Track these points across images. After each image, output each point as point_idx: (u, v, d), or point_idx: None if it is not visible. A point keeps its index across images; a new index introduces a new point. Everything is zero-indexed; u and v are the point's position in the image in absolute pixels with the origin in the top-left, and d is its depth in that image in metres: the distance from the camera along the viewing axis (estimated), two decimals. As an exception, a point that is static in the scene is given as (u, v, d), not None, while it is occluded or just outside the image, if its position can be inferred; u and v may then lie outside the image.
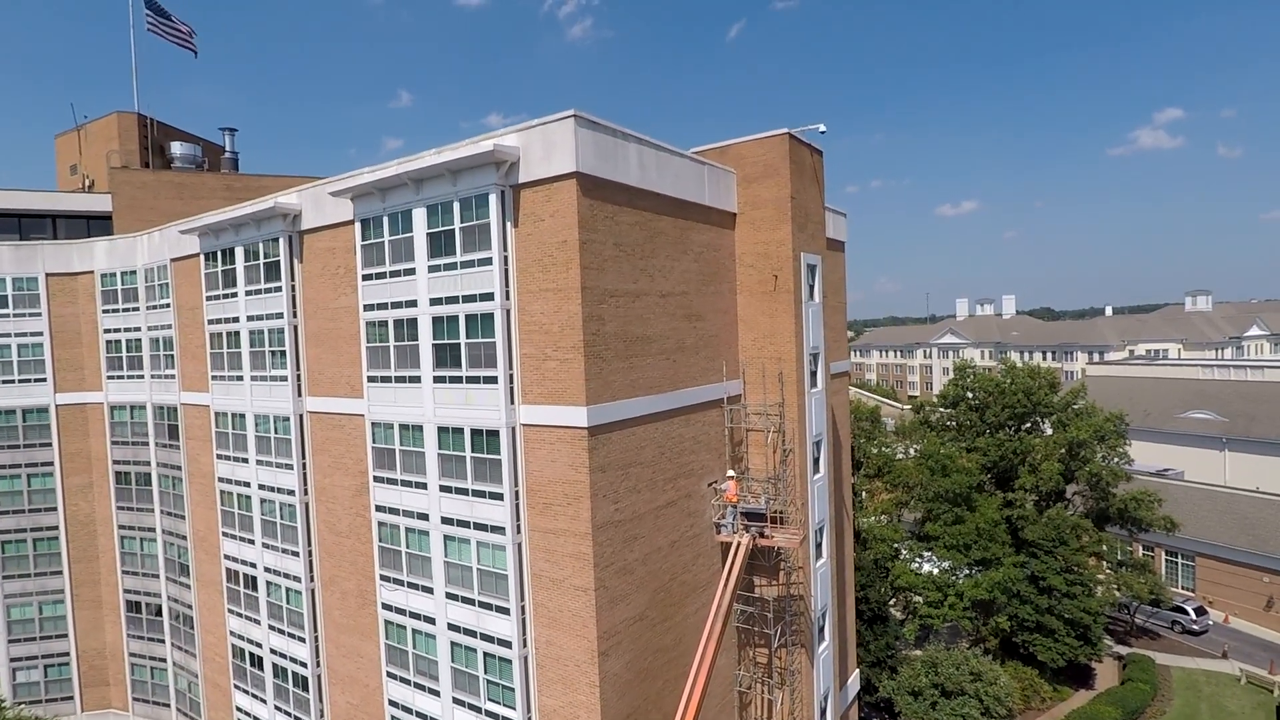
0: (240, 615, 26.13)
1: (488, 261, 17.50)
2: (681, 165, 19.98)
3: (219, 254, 25.26)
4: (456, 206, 17.97)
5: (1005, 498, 39.23)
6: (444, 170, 17.82)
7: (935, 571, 35.93)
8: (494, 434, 17.69)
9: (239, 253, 24.32)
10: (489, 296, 17.53)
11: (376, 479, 20.66)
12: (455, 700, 19.20)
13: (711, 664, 16.58)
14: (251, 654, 25.81)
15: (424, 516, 19.46)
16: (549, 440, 17.25)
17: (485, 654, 18.41)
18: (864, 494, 39.24)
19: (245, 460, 25.06)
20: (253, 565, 25.26)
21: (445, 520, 18.93)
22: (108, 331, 31.16)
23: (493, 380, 17.63)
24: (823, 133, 22.98)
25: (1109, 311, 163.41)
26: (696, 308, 20.87)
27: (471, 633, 18.62)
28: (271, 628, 24.84)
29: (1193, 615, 43.44)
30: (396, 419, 19.83)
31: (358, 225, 20.39)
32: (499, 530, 17.81)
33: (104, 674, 32.43)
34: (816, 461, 23.83)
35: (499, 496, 17.73)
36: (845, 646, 31.24)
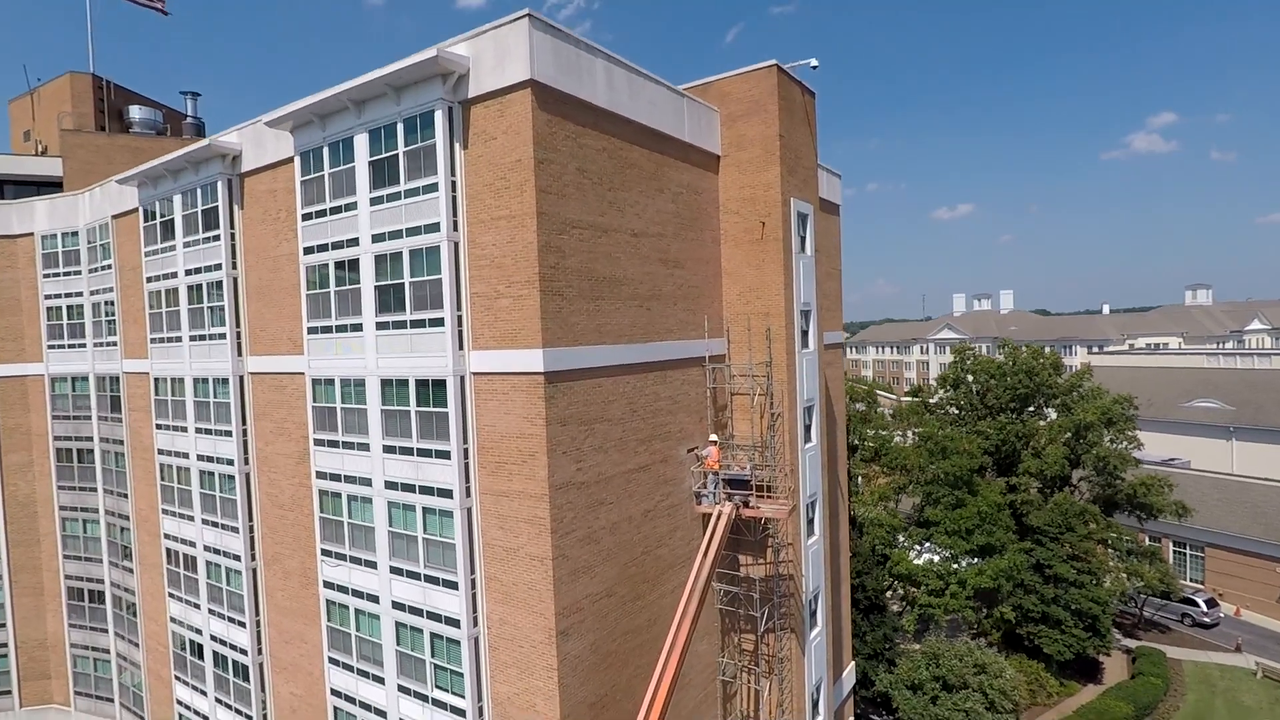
0: (180, 600, 23.96)
1: (433, 188, 15.44)
2: (656, 92, 17.97)
3: (157, 205, 23.14)
4: (400, 129, 15.91)
5: (1008, 482, 37.26)
6: (386, 87, 15.77)
7: (936, 560, 33.89)
8: (440, 384, 15.62)
9: (177, 201, 22.22)
10: (434, 228, 15.47)
11: (317, 442, 18.55)
12: (400, 688, 17.09)
13: (686, 642, 14.55)
14: (191, 642, 23.64)
15: (367, 482, 17.36)
16: (502, 390, 15.18)
17: (432, 635, 16.31)
18: (860, 478, 37.24)
19: (184, 429, 22.92)
20: (192, 544, 23.10)
21: (389, 485, 16.84)
22: (49, 298, 28.99)
23: (439, 323, 15.56)
24: (814, 68, 21.00)
25: (1106, 311, 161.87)
26: (674, 254, 18.84)
27: (418, 611, 16.51)
28: (212, 612, 22.67)
29: (1203, 607, 41.50)
30: (337, 374, 17.74)
31: (297, 160, 18.31)
32: (446, 494, 15.72)
33: (44, 666, 30.17)
34: (808, 429, 21.79)
35: (446, 455, 15.65)
36: (840, 637, 29.19)
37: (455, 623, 15.78)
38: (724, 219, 20.90)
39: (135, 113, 37.48)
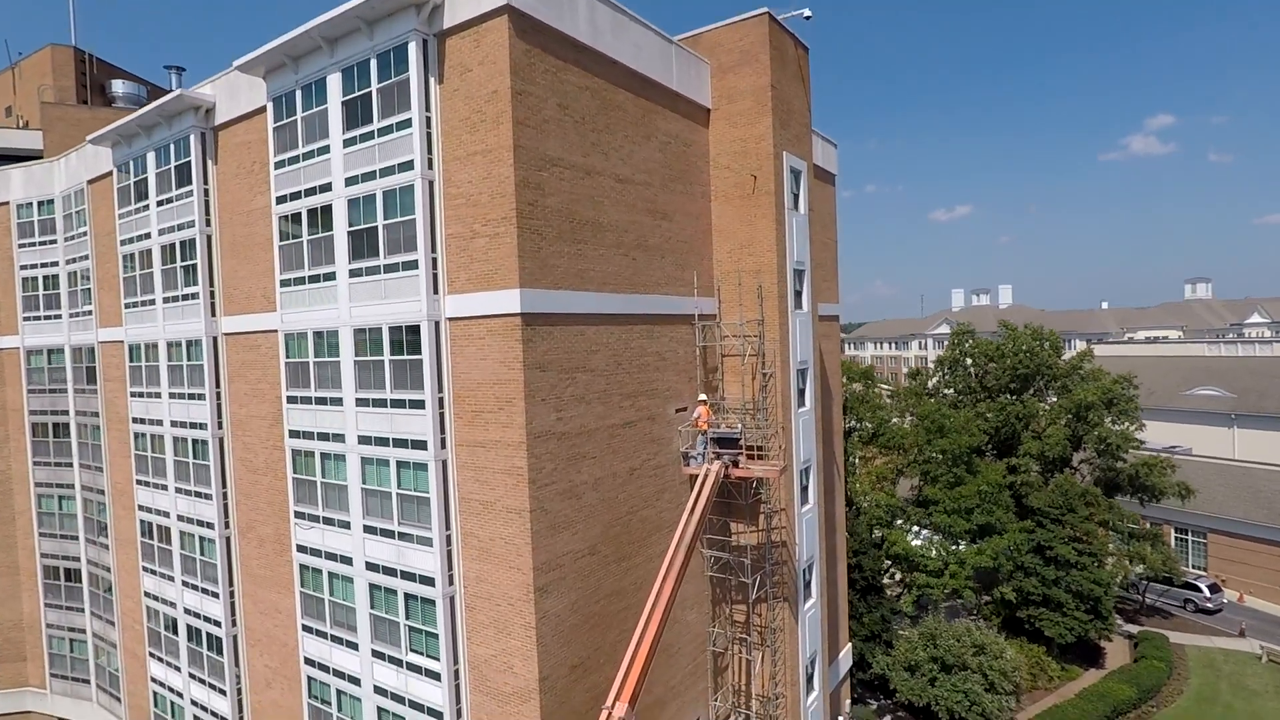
0: (154, 573, 23.20)
1: (407, 124, 14.74)
2: (642, 34, 17.28)
3: (131, 165, 22.43)
4: (374, 65, 15.22)
5: (1008, 464, 36.56)
6: (358, 21, 15.08)
7: (935, 539, 33.15)
8: (414, 330, 14.91)
9: (150, 159, 21.50)
10: (408, 166, 14.77)
11: (290, 400, 17.83)
12: (375, 653, 16.35)
13: (669, 600, 13.82)
14: (166, 616, 22.87)
15: (340, 438, 16.64)
16: (478, 335, 14.47)
17: (406, 595, 15.57)
18: (856, 458, 36.50)
19: (158, 395, 22.18)
20: (165, 514, 22.34)
21: (363, 440, 16.11)
22: (24, 269, 28.23)
23: (412, 266, 14.85)
24: (808, 19, 20.35)
25: (1105, 307, 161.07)
26: (662, 205, 18.16)
27: (391, 571, 15.78)
28: (185, 584, 21.92)
29: (1206, 593, 40.78)
30: (310, 326, 17.02)
31: (270, 107, 17.61)
32: (420, 446, 15.00)
33: (20, 648, 29.37)
34: (802, 393, 21.09)
35: (420, 405, 14.93)
36: (835, 617, 28.46)
37: (430, 581, 15.05)
38: (715, 174, 20.23)
39: (118, 87, 36.79)
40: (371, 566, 16.18)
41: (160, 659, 23.32)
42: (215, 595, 20.90)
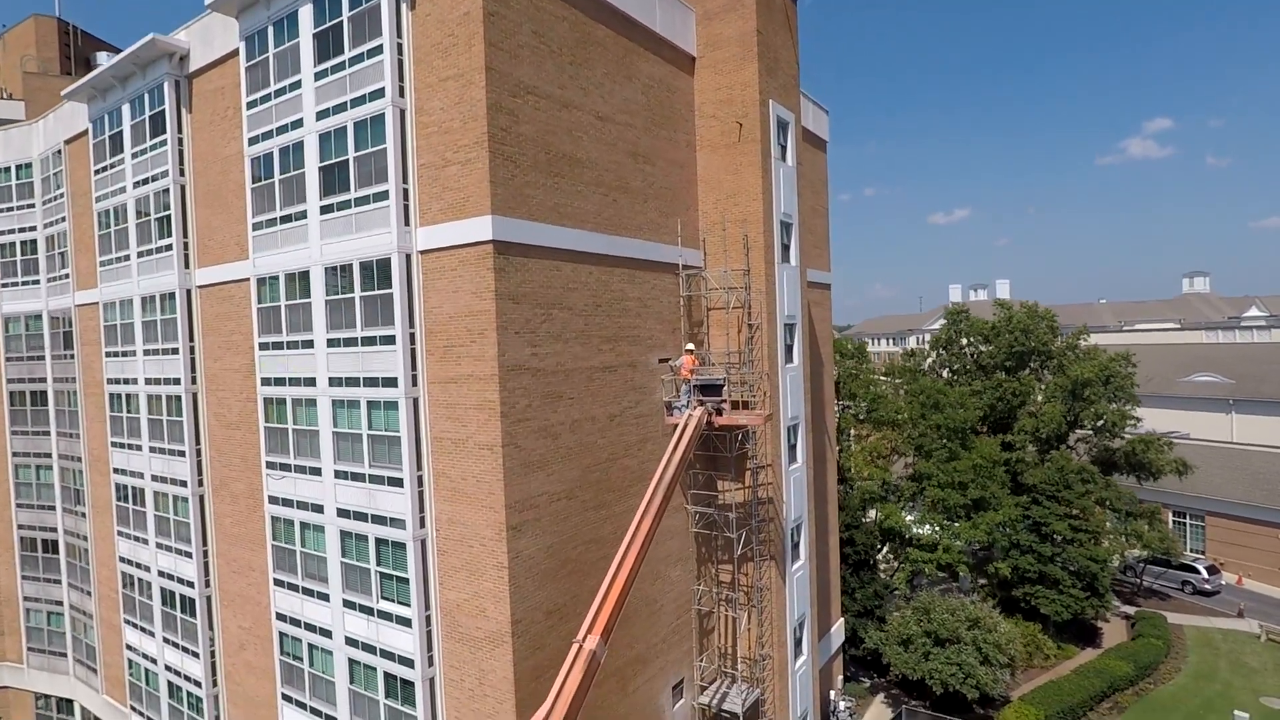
0: (129, 537, 22.69)
1: (378, 51, 14.31)
2: (624, -30, 16.86)
3: (106, 119, 21.98)
4: (345, -7, 14.79)
5: (1003, 440, 36.09)
6: (329, -53, 14.67)
7: (928, 512, 32.64)
8: (385, 264, 14.45)
9: (125, 111, 21.05)
10: (379, 94, 14.34)
11: (262, 346, 17.37)
12: (346, 603, 15.85)
13: (646, 538, 13.34)
14: (140, 580, 22.36)
15: (311, 382, 16.17)
16: (450, 266, 14.02)
17: (377, 541, 15.10)
18: (850, 434, 36.04)
19: (132, 354, 21.70)
20: (140, 475, 21.84)
21: (334, 381, 15.65)
22: (2, 234, 27.76)
23: (383, 197, 14.41)
24: (795, -34, 19.96)
25: (1103, 303, 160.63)
26: (644, 149, 17.73)
27: (362, 516, 15.30)
28: (160, 545, 21.42)
29: (1204, 574, 40.28)
30: (282, 269, 16.57)
31: (242, 47, 17.17)
32: (391, 383, 14.53)
33: (-3, 622, 28.82)
34: (789, 349, 20.64)
35: (391, 341, 14.47)
36: (827, 589, 28.00)
37: (400, 523, 14.57)
38: (700, 124, 19.81)
39: (102, 59, 36.25)
40: (342, 513, 15.70)
41: (135, 625, 22.79)
42: (189, 555, 20.40)
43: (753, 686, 19.35)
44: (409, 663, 14.70)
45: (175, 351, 20.18)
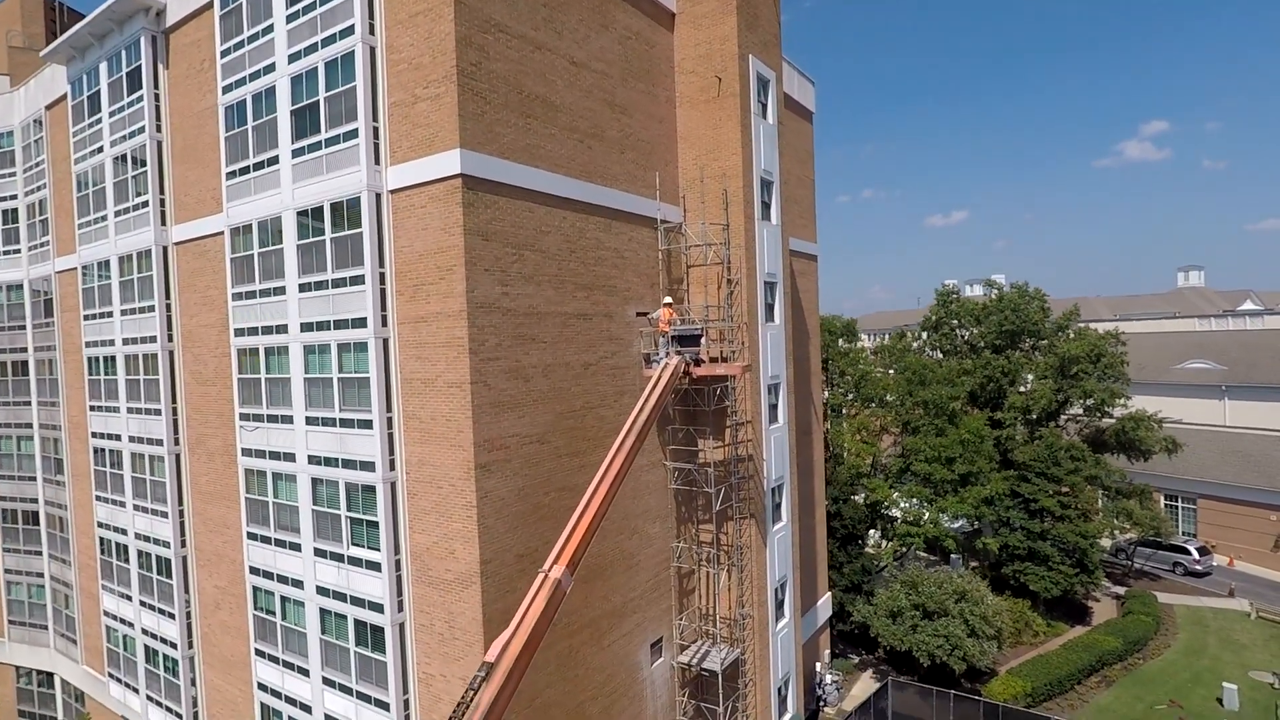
0: (107, 501, 22.50)
1: (348, -12, 14.19)
2: (600, -83, 16.76)
3: (84, 79, 21.84)
4: (315, -68, 14.67)
5: (992, 418, 35.93)
6: (299, -115, 14.55)
7: (916, 486, 32.48)
8: (355, 204, 14.32)
9: (103, 70, 20.91)
10: (349, 32, 14.21)
11: (235, 297, 17.22)
12: (317, 552, 15.69)
13: (618, 476, 13.17)
14: (117, 544, 22.17)
15: (283, 329, 16.02)
16: (419, 204, 13.89)
17: (347, 486, 14.94)
18: (839, 409, 35.85)
19: (109, 314, 21.54)
20: (117, 438, 21.68)
21: (305, 326, 15.50)
22: (-16, 204, 27.59)
23: (353, 136, 14.28)
24: (776, -79, 19.86)
25: (1099, 297, 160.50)
26: (621, 99, 17.61)
27: (333, 461, 15.15)
28: (137, 508, 21.23)
29: (1195, 555, 40.11)
30: (255, 216, 16.42)
31: (217, -5, 17.07)
32: (360, 324, 14.39)
33: (-23, 596, 28.59)
34: (770, 309, 20.52)
35: (360, 281, 14.33)
36: (814, 563, 27.86)
37: (370, 466, 14.41)
38: (680, 80, 19.71)
39: (90, 36, 36.20)
40: (314, 460, 15.54)
41: (112, 590, 22.59)
42: (165, 515, 20.21)
43: (732, 646, 19.19)
44: (378, 608, 14.53)
45: (151, 309, 20.02)
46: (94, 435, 22.77)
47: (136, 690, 21.88)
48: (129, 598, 21.88)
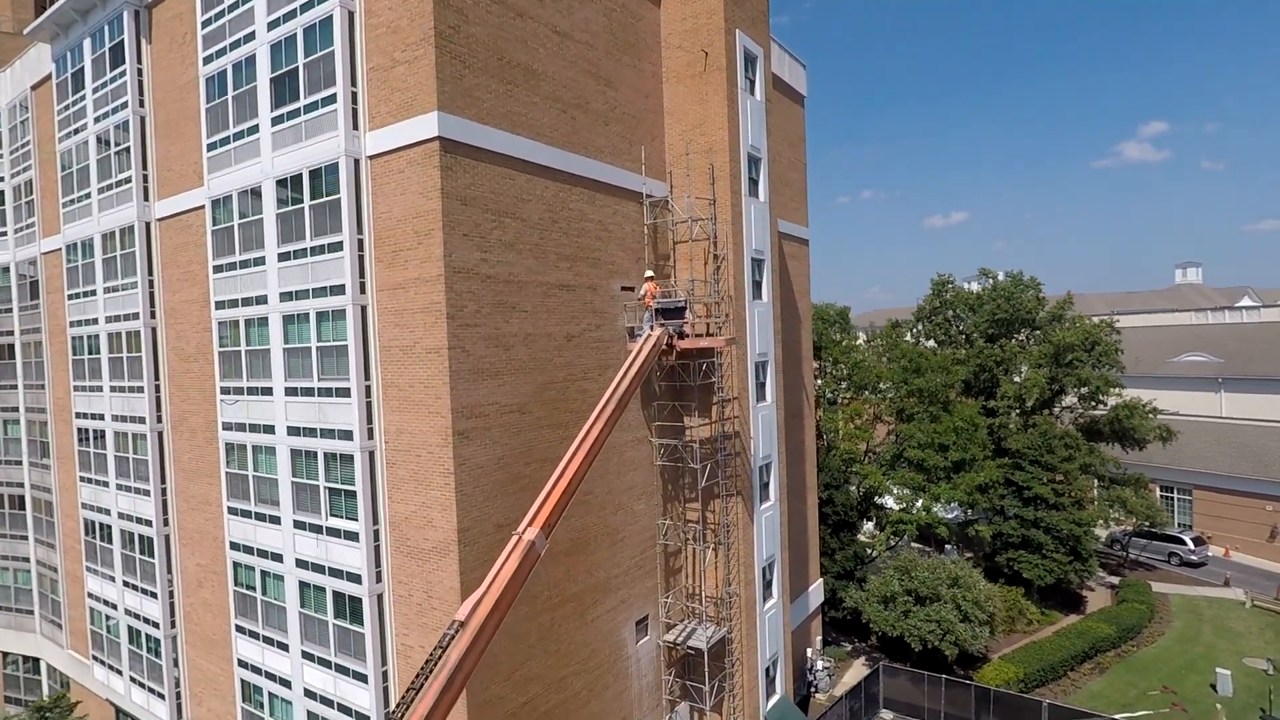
0: (91, 481, 22.34)
1: (326, -48, 14.05)
2: (584, -114, 16.63)
3: (68, 56, 21.71)
4: (294, -103, 14.53)
5: (986, 406, 35.77)
6: None
7: (908, 473, 32.31)
8: (334, 170, 14.17)
9: (86, 46, 20.77)
10: (327, -4, 14.08)
11: (216, 269, 17.08)
12: (296, 524, 15.53)
13: (596, 441, 13.00)
14: (101, 525, 22.01)
15: (263, 300, 15.87)
16: (398, 168, 13.75)
17: (326, 456, 14.78)
18: (831, 395, 35.69)
19: (93, 293, 21.39)
20: (100, 417, 21.52)
21: (284, 296, 15.36)
22: (-29, 187, 27.43)
23: (331, 101, 14.14)
24: (763, -105, 19.74)
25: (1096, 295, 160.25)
26: (606, 72, 17.47)
27: (311, 431, 15.00)
28: (120, 487, 21.06)
29: (1190, 545, 39.96)
30: (235, 187, 16.28)
31: (198, -35, 16.93)
32: (339, 291, 14.24)
33: (-37, 581, 28.42)
34: (758, 286, 20.37)
35: (339, 248, 14.19)
36: (805, 549, 27.70)
37: (349, 435, 14.25)
38: (667, 55, 19.58)
39: (80, 23, 36.08)
40: (293, 431, 15.39)
41: (96, 572, 22.43)
42: (147, 494, 20.05)
43: (719, 625, 19.02)
44: (356, 579, 14.37)
45: (134, 287, 19.87)
46: (78, 416, 22.61)
47: (120, 672, 21.71)
48: (112, 579, 21.71)
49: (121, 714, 23.02)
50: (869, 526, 34.67)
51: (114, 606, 21.70)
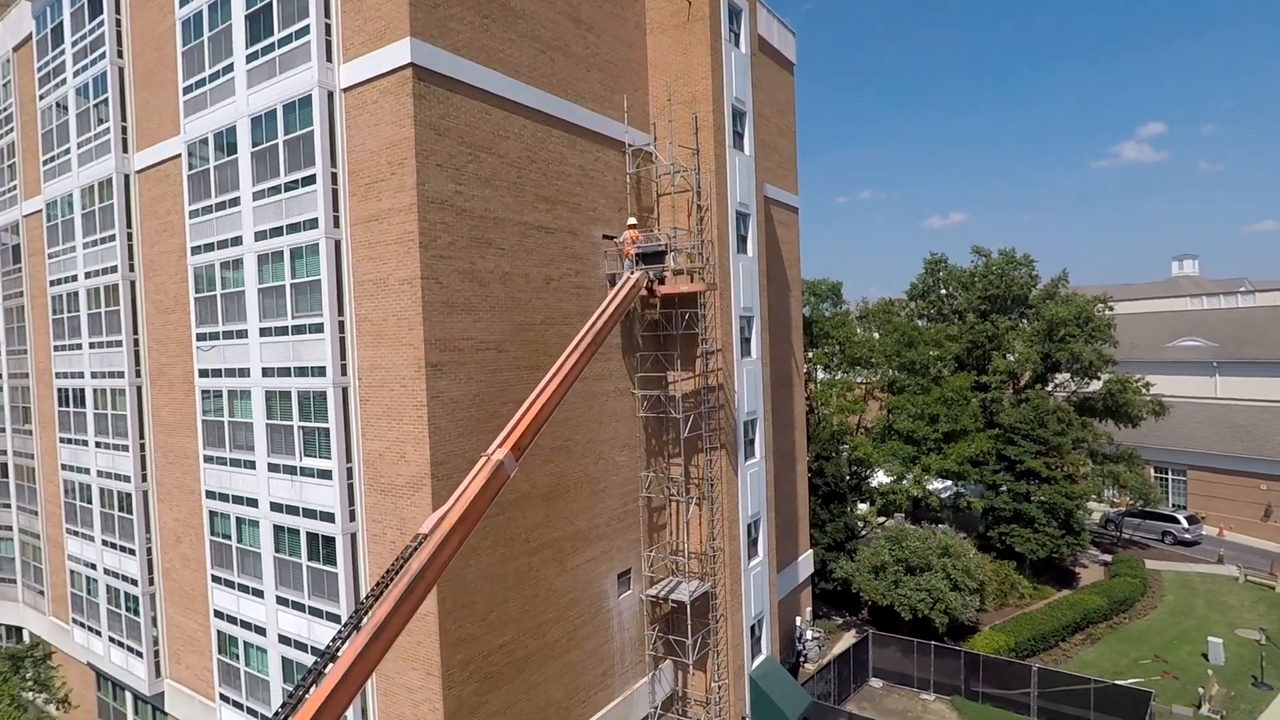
0: (70, 442, 22.13)
1: (299, -119, 13.88)
2: None
3: (48, 11, 21.51)
4: None
5: (978, 380, 35.57)
6: None
7: (898, 453, 32.12)
8: (307, 103, 13.99)
9: (65, 1, 20.60)
10: (300, -75, 13.90)
11: (192, 214, 16.89)
12: (271, 467, 15.34)
13: (572, 371, 12.76)
14: (80, 485, 21.80)
15: (237, 241, 15.68)
16: (372, 99, 13.57)
17: (300, 395, 14.59)
18: (822, 370, 35.52)
19: (72, 249, 21.19)
20: (80, 375, 21.32)
21: (259, 236, 15.17)
22: (-46, 153, 27.23)
23: (304, 33, 13.95)
24: None
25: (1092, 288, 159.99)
26: (587, 17, 17.30)
27: (286, 371, 14.80)
28: (99, 445, 20.86)
29: (1184, 524, 39.81)
30: (210, 129, 16.10)
31: (174, -92, 16.76)
32: (312, 225, 14.06)
33: (-54, 551, 28.19)
34: (743, 240, 20.20)
35: (311, 181, 14.00)
36: (794, 518, 27.52)
37: (321, 371, 14.06)
38: (650, 5, 19.44)
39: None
40: (267, 372, 15.20)
41: (76, 533, 22.21)
42: (125, 449, 19.85)
43: (702, 581, 18.82)
44: (330, 517, 14.17)
45: (112, 239, 19.68)
46: (58, 376, 22.39)
47: (99, 633, 21.49)
48: (91, 539, 21.49)
49: (102, 679, 22.81)
50: (863, 508, 34.50)
51: (93, 567, 21.49)
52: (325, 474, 14.20)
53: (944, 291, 41.14)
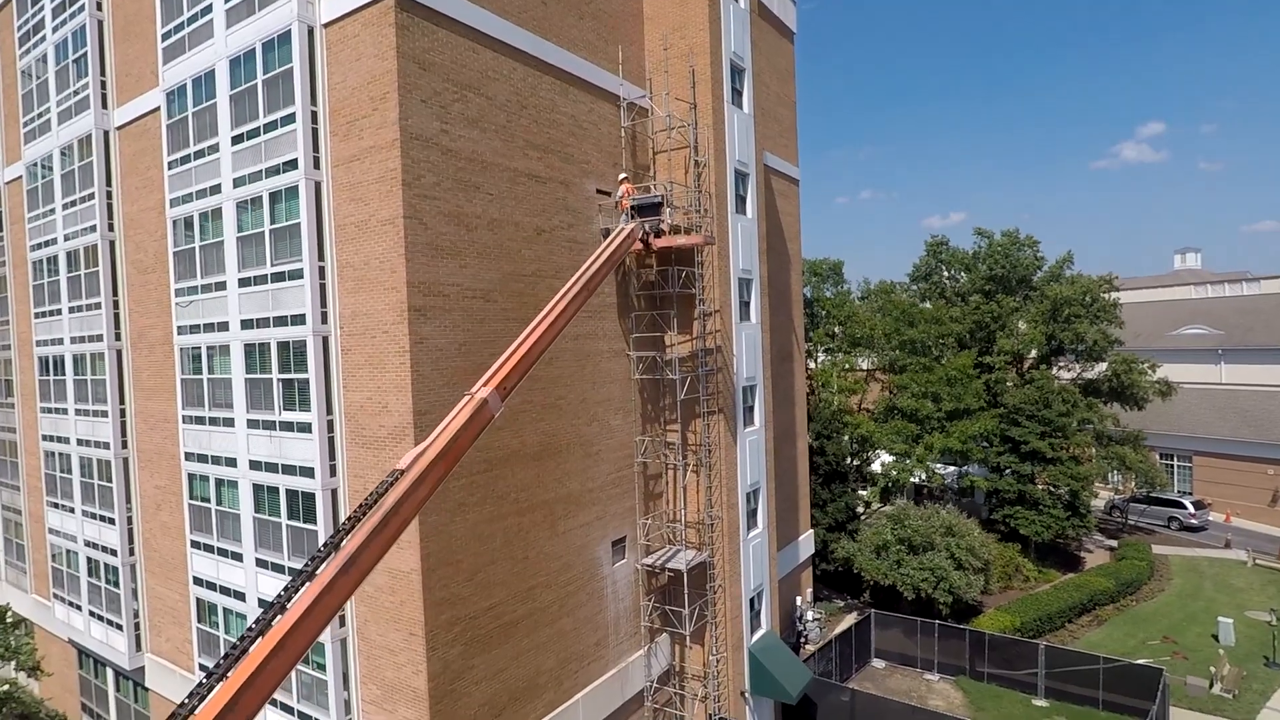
0: (51, 412, 21.53)
1: None
2: None
3: (28, -32, 20.93)
4: None
5: (981, 360, 34.95)
6: None
7: (900, 423, 31.49)
8: (286, 39, 13.39)
9: (45, -45, 20.02)
10: None
11: (170, 165, 16.29)
12: (250, 423, 14.72)
13: (560, 318, 12.16)
14: (60, 455, 21.19)
15: (217, 190, 15.08)
16: (353, 32, 12.97)
17: (279, 346, 13.99)
18: (823, 349, 34.91)
19: (52, 212, 20.60)
20: (59, 342, 20.71)
21: (237, 182, 14.56)
22: (-64, 122, 26.61)
23: (283, -35, 13.35)
24: None
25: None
26: (581, -38, 16.69)
27: (265, 322, 14.20)
28: (78, 412, 20.26)
29: (1190, 509, 39.20)
30: (189, 74, 15.49)
31: None
32: (292, 165, 13.46)
33: (-72, 530, 27.56)
34: (742, 200, 19.60)
35: (291, 120, 13.40)
36: (795, 495, 26.92)
37: (300, 319, 13.47)
38: (646, -43, 18.81)
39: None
40: (246, 324, 14.59)
41: (57, 505, 21.60)
42: (105, 415, 19.24)
43: (700, 550, 18.21)
44: (310, 472, 13.57)
45: (92, 198, 19.08)
46: (38, 344, 21.79)
47: (79, 607, 20.88)
48: (72, 510, 20.88)
49: (84, 656, 22.20)
50: (864, 494, 33.92)
51: (73, 539, 20.87)
52: (305, 427, 13.59)
53: (946, 274, 40.57)
